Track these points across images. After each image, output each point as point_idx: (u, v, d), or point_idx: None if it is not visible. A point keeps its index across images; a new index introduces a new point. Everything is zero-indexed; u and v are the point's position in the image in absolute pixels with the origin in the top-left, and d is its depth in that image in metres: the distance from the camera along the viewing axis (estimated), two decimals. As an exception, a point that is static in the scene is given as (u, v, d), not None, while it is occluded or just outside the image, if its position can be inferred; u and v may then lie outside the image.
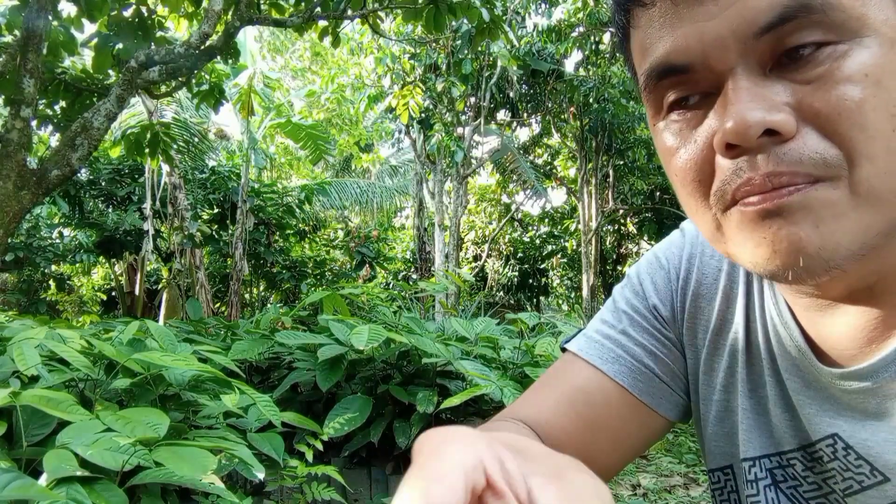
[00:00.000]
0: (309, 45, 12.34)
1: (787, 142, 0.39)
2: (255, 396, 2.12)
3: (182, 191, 7.59)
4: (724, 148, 0.40)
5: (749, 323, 0.58)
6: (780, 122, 0.38)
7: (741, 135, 0.39)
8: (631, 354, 0.62)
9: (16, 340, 2.01)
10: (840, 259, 0.39)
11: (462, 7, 3.76)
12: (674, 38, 0.41)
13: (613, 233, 13.71)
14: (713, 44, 0.40)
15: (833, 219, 0.39)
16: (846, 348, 0.49)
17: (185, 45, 3.21)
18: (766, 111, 0.38)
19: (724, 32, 0.39)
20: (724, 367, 0.60)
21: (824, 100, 0.38)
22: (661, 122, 0.46)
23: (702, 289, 0.62)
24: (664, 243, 0.67)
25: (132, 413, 1.83)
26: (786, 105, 0.39)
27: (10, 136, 2.74)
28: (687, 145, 0.44)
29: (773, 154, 0.39)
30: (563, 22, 9.13)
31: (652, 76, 0.44)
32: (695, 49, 0.41)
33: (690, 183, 0.44)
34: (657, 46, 0.43)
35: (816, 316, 0.51)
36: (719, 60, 0.40)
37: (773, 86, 0.39)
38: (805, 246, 0.39)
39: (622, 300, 0.66)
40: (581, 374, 0.63)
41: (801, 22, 0.38)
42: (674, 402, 0.63)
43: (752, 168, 0.40)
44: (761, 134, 0.39)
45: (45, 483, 1.44)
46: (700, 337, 0.62)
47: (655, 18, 0.43)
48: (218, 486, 1.66)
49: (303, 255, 9.76)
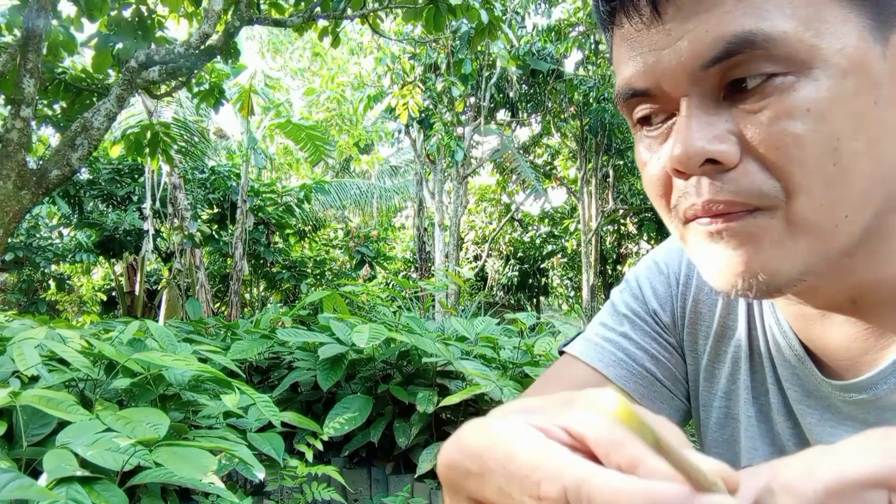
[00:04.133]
0: (309, 45, 12.34)
1: (729, 170, 0.40)
2: (255, 396, 2.13)
3: (182, 191, 7.59)
4: (674, 171, 0.42)
5: (751, 330, 0.58)
6: (720, 152, 0.40)
7: (683, 163, 0.41)
8: (632, 358, 0.61)
9: (16, 340, 2.01)
10: (781, 283, 0.41)
11: (462, 7, 3.76)
12: (635, 62, 0.43)
13: (613, 233, 13.72)
14: (664, 73, 0.41)
15: (771, 246, 0.41)
16: (843, 357, 0.50)
17: (185, 45, 3.21)
18: (708, 141, 0.40)
19: (674, 63, 0.40)
20: (725, 374, 0.60)
21: (766, 133, 0.39)
22: (638, 134, 0.48)
23: (702, 295, 0.62)
24: (663, 248, 0.67)
25: (132, 413, 1.83)
26: (731, 134, 0.40)
27: (10, 136, 2.74)
28: (654, 161, 0.46)
29: (714, 182, 0.41)
30: (562, 21, 9.13)
31: (620, 95, 0.46)
32: (651, 75, 0.42)
33: (656, 196, 0.47)
34: (624, 67, 0.44)
35: (809, 324, 0.51)
36: (672, 88, 0.41)
37: (722, 114, 0.41)
38: (745, 270, 0.41)
39: (621, 304, 0.65)
40: (581, 377, 0.62)
41: (745, 56, 0.38)
42: (674, 407, 0.63)
43: (697, 193, 0.42)
44: (703, 163, 0.40)
45: (45, 483, 1.44)
46: (701, 343, 0.62)
47: (626, 38, 0.44)
48: (218, 486, 1.66)
49: (302, 254, 9.76)
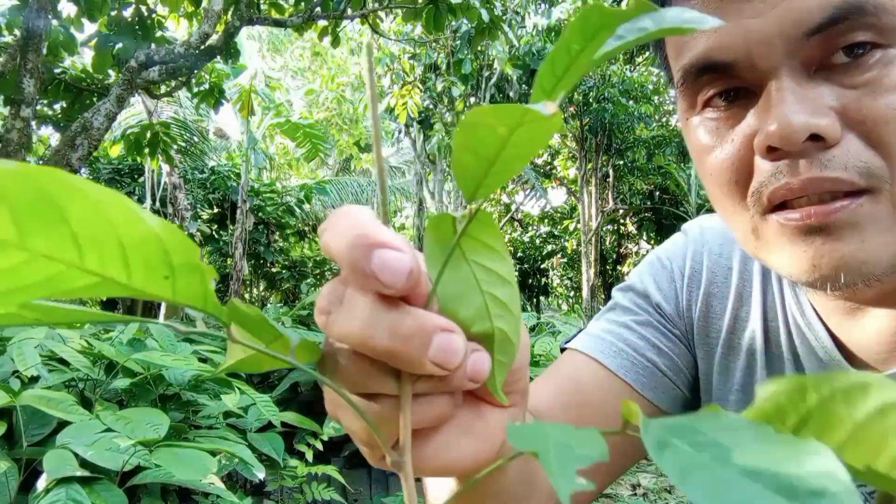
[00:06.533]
0: (309, 44, 12.35)
1: (830, 148, 0.38)
2: (255, 396, 2.13)
3: (182, 191, 7.59)
4: (766, 150, 0.39)
5: (767, 322, 0.57)
6: (825, 126, 0.37)
7: (785, 138, 0.37)
8: (633, 348, 0.60)
9: (16, 340, 2.01)
10: (880, 272, 0.39)
11: (462, 7, 3.76)
12: (717, 33, 0.40)
13: (613, 233, 13.71)
14: (759, 42, 0.38)
15: (878, 234, 0.38)
16: (877, 352, 0.48)
17: (185, 45, 3.21)
18: (811, 115, 0.37)
19: (772, 31, 0.38)
20: (741, 367, 0.58)
21: (871, 107, 0.37)
22: (695, 118, 0.45)
23: (713, 287, 0.60)
24: (665, 246, 0.66)
25: (132, 413, 1.83)
26: (830, 109, 0.38)
27: (10, 136, 2.74)
28: (723, 144, 0.42)
29: (816, 160, 0.38)
30: (562, 21, 9.13)
31: (691, 72, 0.43)
32: (739, 47, 0.39)
33: (726, 183, 0.43)
34: (698, 41, 0.41)
35: (845, 319, 0.49)
36: (764, 59, 0.39)
37: (818, 88, 0.38)
38: (848, 262, 0.39)
39: (623, 298, 0.64)
40: (580, 369, 0.61)
41: (852, 24, 0.37)
42: (673, 396, 0.62)
43: (792, 172, 0.39)
44: (805, 139, 0.37)
45: (45, 483, 1.44)
46: (713, 336, 0.60)
47: (706, 7, 0.41)
48: (218, 487, 1.66)
49: (303, 254, 9.76)
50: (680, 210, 10.69)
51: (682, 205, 10.83)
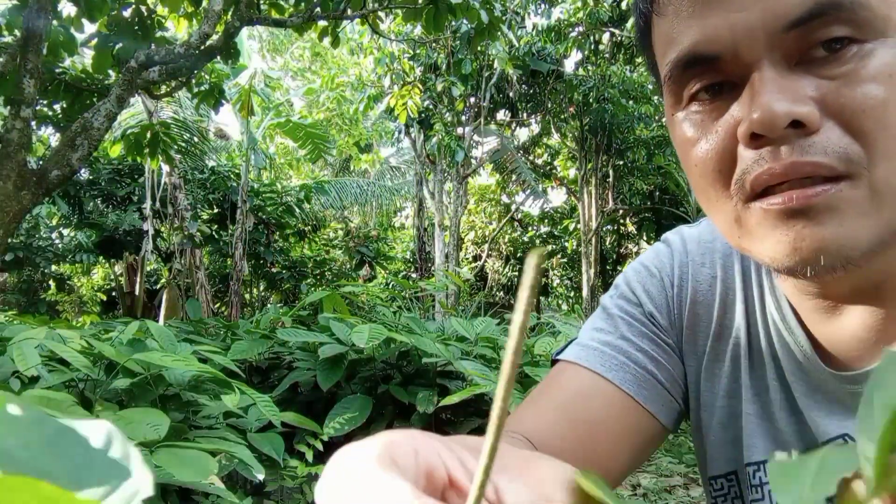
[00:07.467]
0: (309, 45, 12.35)
1: (810, 135, 0.39)
2: (255, 396, 2.13)
3: (182, 191, 7.59)
4: (749, 138, 0.41)
5: (750, 328, 0.58)
6: (806, 113, 0.39)
7: (767, 124, 0.39)
8: (634, 361, 0.60)
9: (16, 340, 2.02)
10: (858, 255, 0.40)
11: (461, 7, 3.76)
12: (703, 27, 0.42)
13: (613, 233, 13.71)
14: (743, 35, 0.40)
15: (856, 218, 0.40)
16: (853, 350, 0.49)
17: (185, 45, 3.21)
18: (793, 102, 0.39)
19: (755, 24, 0.40)
20: (726, 374, 0.59)
21: (850, 96, 0.39)
22: (680, 113, 0.46)
23: (698, 296, 0.61)
24: (649, 254, 0.66)
25: (132, 413, 1.83)
26: (810, 99, 0.39)
27: (10, 136, 2.74)
28: (708, 136, 0.44)
29: (798, 145, 0.39)
30: (562, 22, 9.13)
31: (678, 65, 0.44)
32: (724, 39, 0.41)
33: (711, 173, 0.45)
34: (685, 36, 0.43)
35: (822, 318, 0.50)
36: (748, 52, 0.40)
37: (800, 80, 0.40)
38: (829, 245, 0.40)
39: (615, 308, 0.63)
40: (581, 383, 0.59)
41: (830, 18, 0.38)
42: (671, 409, 0.62)
43: (774, 158, 0.40)
44: (787, 125, 0.39)
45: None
46: (700, 344, 0.61)
47: (684, 7, 0.43)
48: (218, 487, 1.66)
49: (303, 255, 9.76)
50: (680, 210, 10.69)
51: (682, 205, 10.83)
